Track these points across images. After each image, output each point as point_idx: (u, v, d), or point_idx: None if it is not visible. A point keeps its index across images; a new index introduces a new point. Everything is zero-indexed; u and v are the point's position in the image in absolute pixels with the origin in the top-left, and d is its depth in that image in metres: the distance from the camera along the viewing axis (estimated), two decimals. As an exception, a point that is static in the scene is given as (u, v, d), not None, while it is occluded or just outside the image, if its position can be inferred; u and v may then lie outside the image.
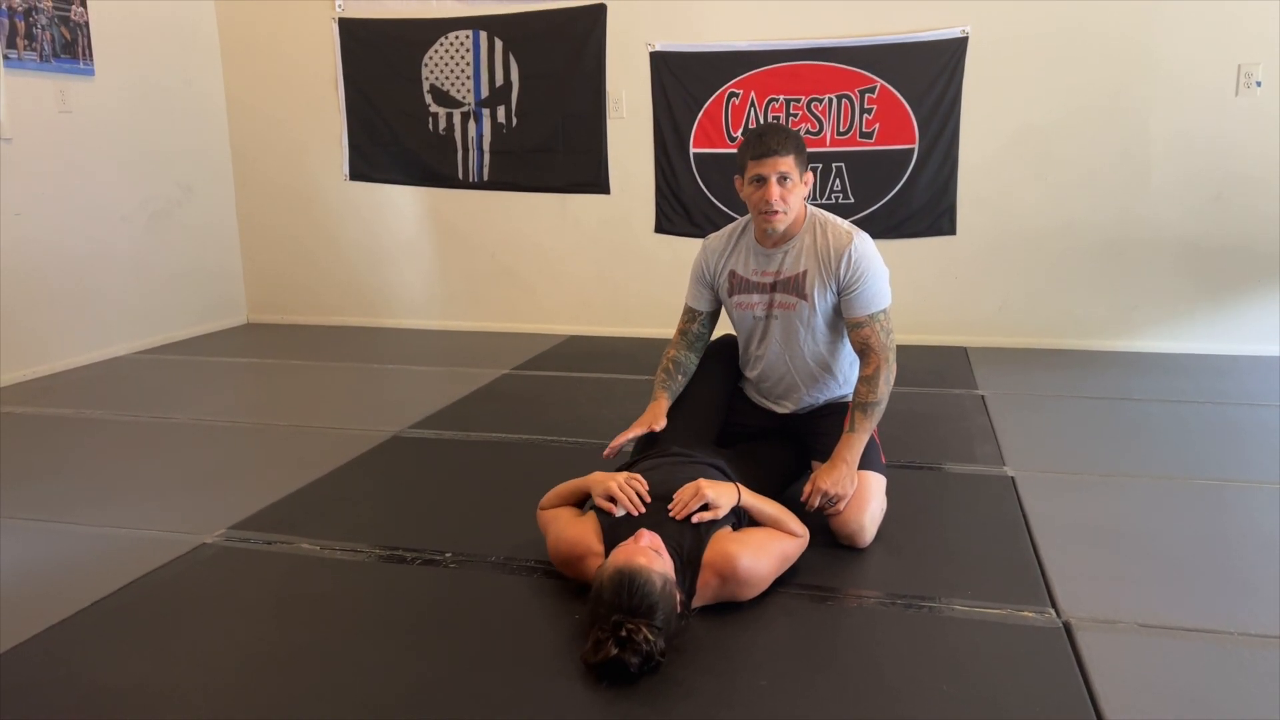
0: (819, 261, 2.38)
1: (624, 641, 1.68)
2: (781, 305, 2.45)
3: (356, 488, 2.83)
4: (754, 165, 2.30)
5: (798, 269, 2.41)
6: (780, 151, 2.27)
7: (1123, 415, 3.47)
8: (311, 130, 5.28)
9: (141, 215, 4.82)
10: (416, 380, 4.17)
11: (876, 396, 2.34)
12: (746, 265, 2.48)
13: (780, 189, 2.29)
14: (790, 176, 2.29)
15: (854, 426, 2.33)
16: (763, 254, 2.45)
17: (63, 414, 3.65)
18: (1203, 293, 4.44)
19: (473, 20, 4.92)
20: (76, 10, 4.36)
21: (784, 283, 2.43)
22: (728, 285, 2.52)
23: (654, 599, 1.73)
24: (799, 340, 2.46)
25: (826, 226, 2.40)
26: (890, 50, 4.49)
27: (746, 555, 1.95)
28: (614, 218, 5.01)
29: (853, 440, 2.31)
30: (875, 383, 2.35)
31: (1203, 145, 4.29)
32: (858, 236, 2.38)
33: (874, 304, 2.38)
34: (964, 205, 4.59)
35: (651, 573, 1.76)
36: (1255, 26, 4.13)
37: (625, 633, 1.68)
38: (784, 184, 2.29)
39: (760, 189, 2.31)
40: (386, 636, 1.93)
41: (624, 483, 2.08)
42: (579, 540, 2.04)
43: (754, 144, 2.30)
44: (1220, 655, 1.81)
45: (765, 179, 2.29)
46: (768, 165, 2.28)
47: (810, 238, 2.40)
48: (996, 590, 2.07)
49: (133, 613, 2.04)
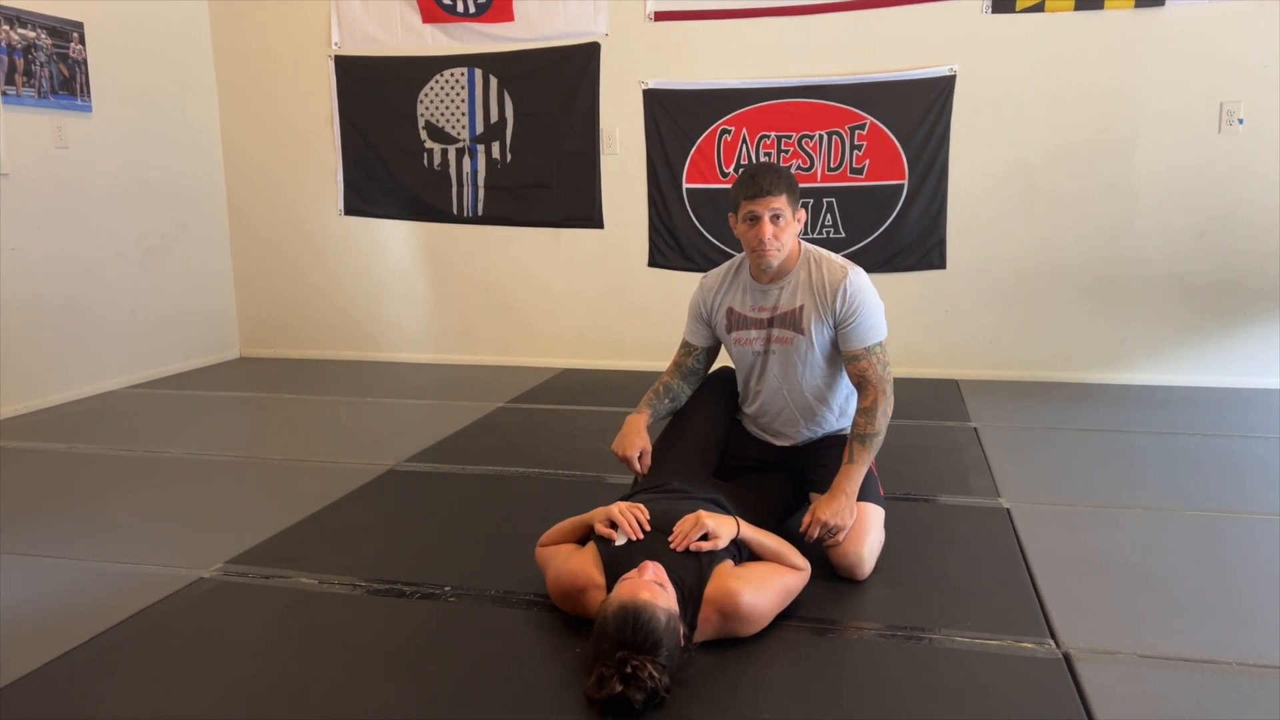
0: (815, 296, 2.41)
1: (629, 678, 1.67)
2: (779, 340, 2.47)
3: (353, 522, 2.82)
4: (747, 204, 2.33)
5: (794, 304, 2.44)
6: (773, 191, 2.31)
7: (1115, 447, 3.50)
8: (306, 166, 5.32)
9: (136, 250, 4.83)
10: (412, 414, 4.17)
11: (875, 428, 2.36)
12: (743, 302, 2.51)
13: (774, 227, 2.33)
14: (783, 214, 2.33)
15: (853, 458, 2.34)
16: (759, 290, 2.48)
17: (57, 448, 3.63)
18: (1191, 326, 4.49)
19: (468, 58, 4.98)
20: (75, 48, 4.41)
21: (781, 318, 2.45)
22: (725, 322, 2.55)
23: (659, 635, 1.72)
24: (797, 374, 2.48)
25: (821, 261, 2.44)
26: (880, 88, 4.57)
27: (748, 592, 1.94)
28: (608, 252, 5.04)
29: (852, 471, 2.33)
30: (873, 414, 2.36)
31: (1187, 181, 4.37)
32: (852, 271, 2.42)
33: (870, 337, 2.41)
34: (954, 239, 4.64)
35: (656, 608, 1.75)
36: (1237, 64, 4.22)
37: (630, 669, 1.67)
38: (777, 222, 2.33)
39: (754, 227, 2.34)
40: (385, 671, 1.92)
41: (625, 509, 2.09)
42: (579, 572, 2.03)
43: (747, 183, 2.34)
44: (1220, 685, 1.81)
45: (759, 217, 2.32)
46: (760, 204, 2.31)
47: (805, 273, 2.44)
48: (996, 621, 2.08)
49: (130, 648, 2.03)
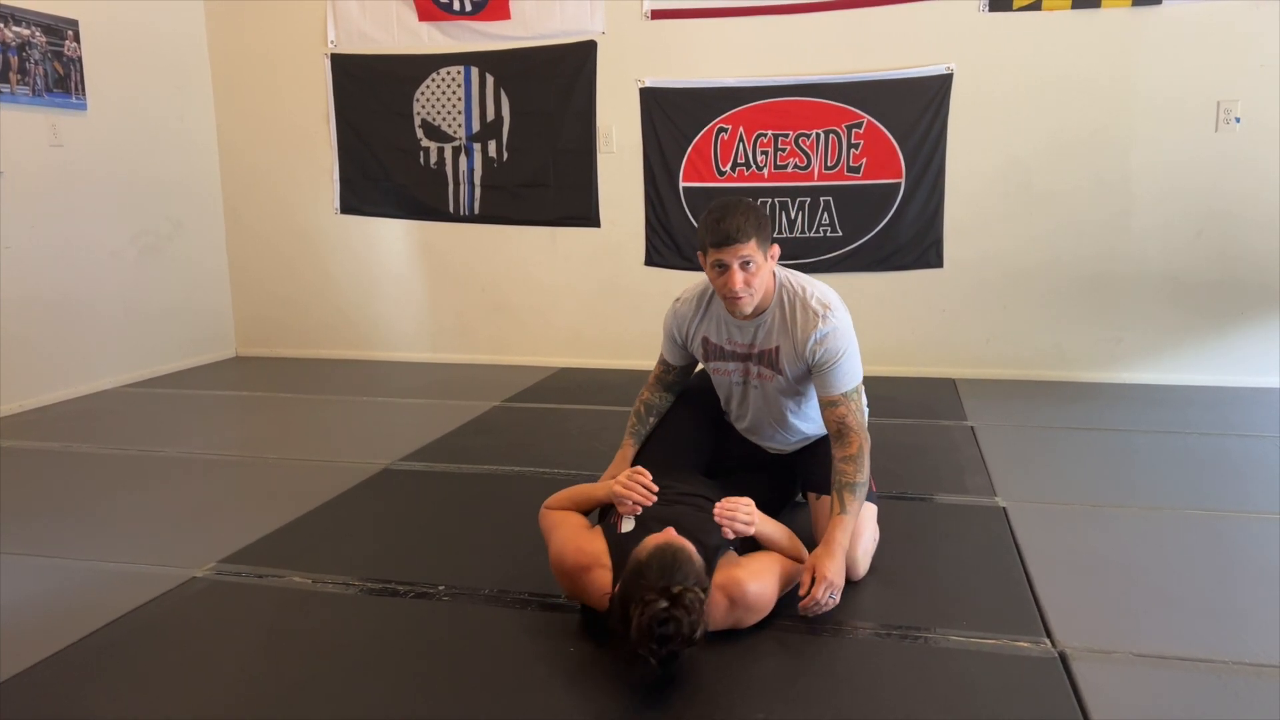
0: (790, 339, 2.31)
1: (677, 599, 1.66)
2: (759, 376, 2.40)
3: (348, 521, 2.81)
4: (714, 252, 2.18)
5: (770, 344, 2.34)
6: (740, 238, 2.14)
7: (1112, 446, 3.50)
8: (302, 164, 5.31)
9: (132, 249, 4.82)
10: (407, 413, 4.16)
11: (862, 476, 2.23)
12: (719, 333, 2.41)
13: (744, 274, 2.19)
14: (753, 260, 2.18)
15: (844, 508, 2.19)
16: (734, 325, 2.38)
17: (51, 447, 3.62)
18: (1188, 325, 4.49)
19: (464, 56, 4.97)
20: (69, 45, 4.39)
21: (759, 355, 2.37)
22: (702, 351, 2.46)
23: (697, 574, 1.74)
24: (780, 405, 2.43)
25: (797, 301, 2.30)
26: (877, 87, 4.56)
27: (754, 581, 1.97)
28: (604, 251, 5.04)
29: (844, 522, 2.18)
30: (860, 462, 2.23)
31: (1184, 181, 4.36)
32: (824, 320, 2.26)
33: (846, 383, 2.29)
34: (951, 238, 4.64)
35: (691, 552, 1.77)
36: (1234, 63, 4.22)
37: (677, 591, 1.67)
38: (747, 268, 2.18)
39: (723, 275, 2.20)
40: (379, 670, 1.91)
41: (626, 481, 2.07)
42: (588, 550, 2.02)
43: (712, 229, 2.17)
44: (1216, 684, 1.81)
45: (727, 266, 2.18)
46: (728, 253, 2.16)
47: (780, 313, 2.32)
48: (991, 621, 2.07)
49: (122, 648, 2.02)
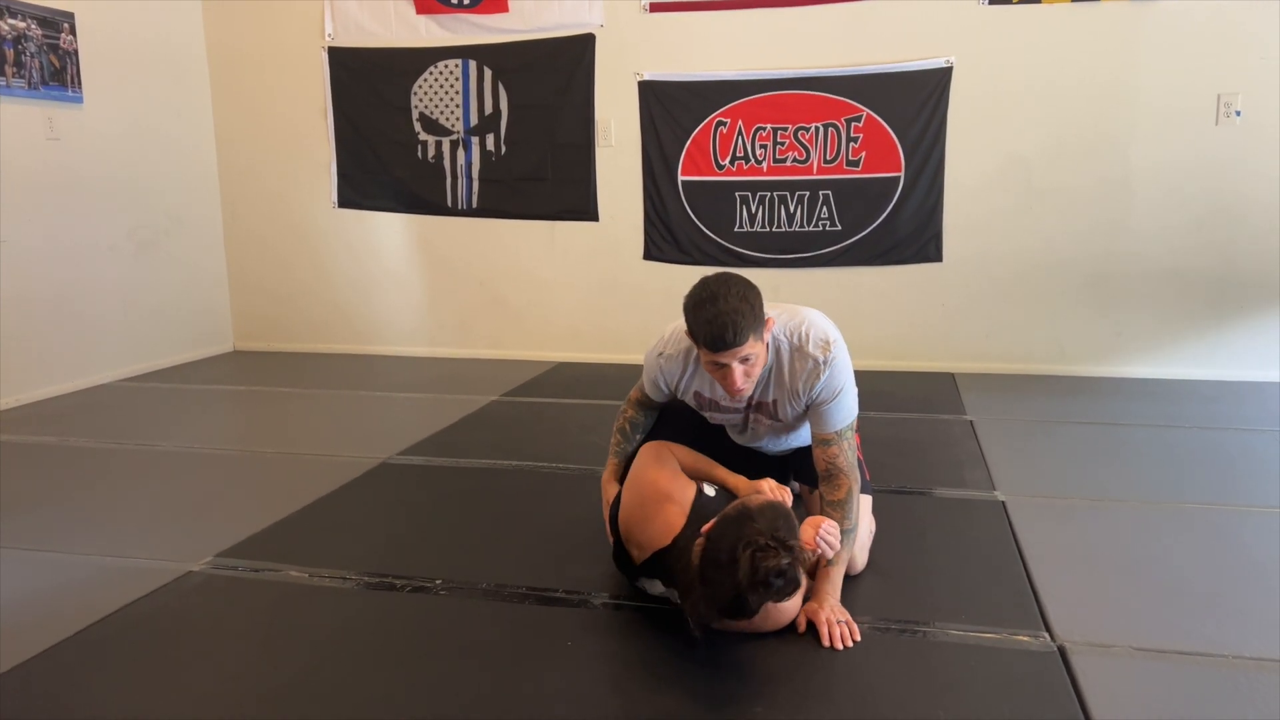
0: (786, 391, 2.16)
1: (792, 549, 1.68)
2: (756, 421, 2.29)
3: (345, 515, 2.80)
4: (710, 354, 1.98)
5: (767, 398, 2.20)
6: (738, 342, 1.93)
7: (1111, 440, 3.49)
8: (300, 159, 5.29)
9: (129, 243, 4.80)
10: (405, 407, 4.16)
11: (851, 523, 2.12)
12: (713, 390, 2.22)
13: (743, 367, 1.99)
14: (752, 355, 1.99)
15: (832, 560, 2.08)
16: None
17: (48, 442, 3.61)
18: (1188, 319, 4.48)
19: (462, 49, 4.95)
20: (65, 38, 4.37)
21: (756, 406, 2.24)
22: (695, 402, 2.30)
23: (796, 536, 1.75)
24: (780, 436, 2.36)
25: (794, 354, 2.12)
26: (876, 80, 4.55)
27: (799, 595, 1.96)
28: (603, 245, 5.02)
29: (832, 574, 2.08)
30: (849, 509, 2.12)
31: (1184, 174, 4.35)
32: (825, 366, 2.10)
33: (840, 421, 2.15)
34: (950, 232, 4.63)
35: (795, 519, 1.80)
36: (1234, 57, 4.21)
37: (793, 544, 1.69)
38: (746, 363, 1.99)
39: (720, 371, 2.01)
40: (375, 665, 1.90)
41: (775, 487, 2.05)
42: (678, 486, 2.02)
43: (704, 331, 1.94)
44: (1216, 678, 1.80)
45: (725, 365, 1.99)
46: (726, 356, 1.96)
47: (778, 368, 2.15)
48: (990, 615, 2.06)
49: (117, 642, 2.01)
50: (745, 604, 1.70)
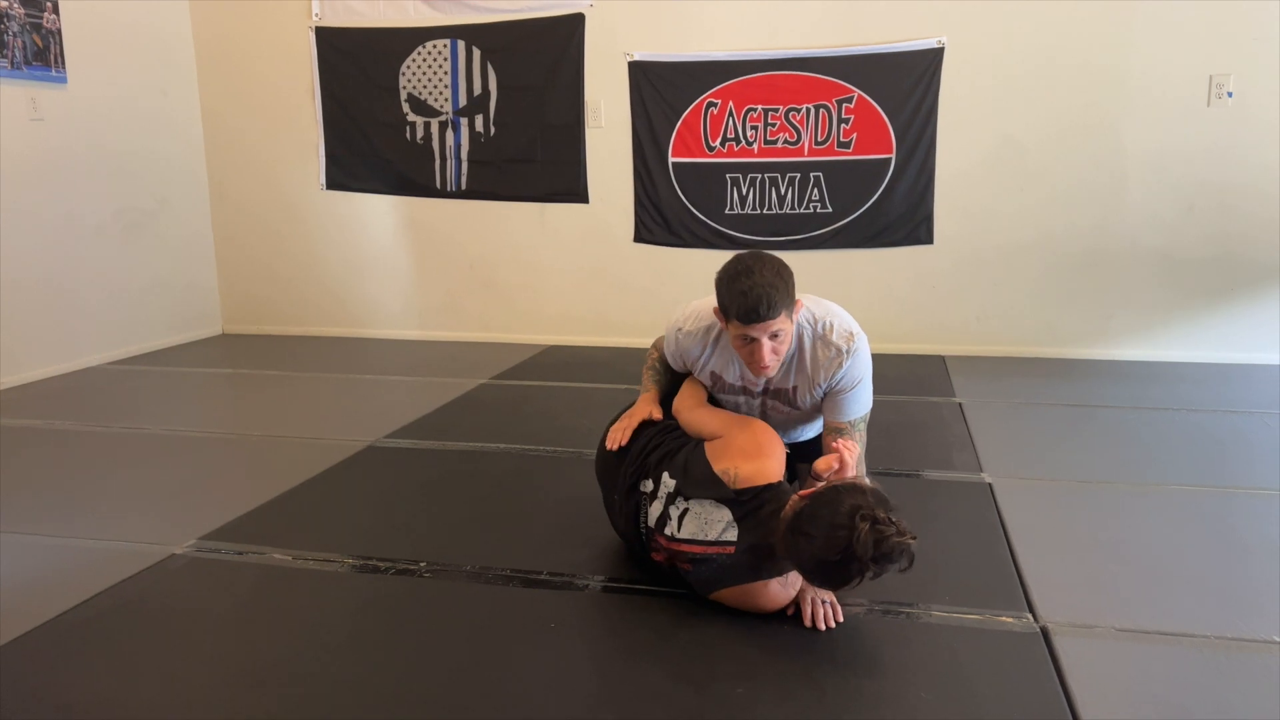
0: (808, 378, 2.18)
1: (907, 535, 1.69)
2: (773, 408, 2.29)
3: (330, 498, 2.79)
4: (741, 326, 2.00)
5: (787, 384, 2.21)
6: (771, 315, 1.95)
7: (1099, 422, 3.49)
8: (288, 140, 5.25)
9: (116, 225, 4.76)
10: (393, 390, 4.14)
11: None
12: (731, 372, 2.24)
13: (772, 344, 2.01)
14: (782, 331, 2.00)
15: None
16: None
17: (32, 425, 3.59)
18: (1178, 302, 4.48)
19: (450, 29, 4.91)
20: (49, 18, 4.32)
21: (774, 392, 2.25)
22: (710, 383, 2.30)
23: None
24: (793, 428, 2.37)
25: (817, 345, 2.15)
26: (867, 60, 4.52)
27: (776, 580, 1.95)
28: (593, 227, 5.00)
29: None
30: None
31: (1176, 156, 4.34)
32: (849, 356, 2.14)
33: (855, 411, 2.20)
34: (941, 215, 4.61)
35: None
36: (1226, 38, 4.18)
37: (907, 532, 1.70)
38: (775, 339, 2.01)
39: (749, 346, 2.03)
40: (359, 647, 1.90)
41: None
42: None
43: (739, 302, 1.96)
44: (1196, 659, 1.80)
45: (755, 339, 2.00)
46: (758, 329, 1.98)
47: (801, 355, 2.16)
48: (975, 596, 2.07)
49: (98, 625, 2.00)
50: (850, 571, 1.70)
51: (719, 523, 1.93)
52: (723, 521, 1.93)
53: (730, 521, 1.92)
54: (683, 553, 1.98)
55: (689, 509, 1.98)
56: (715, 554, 1.93)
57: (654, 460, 2.10)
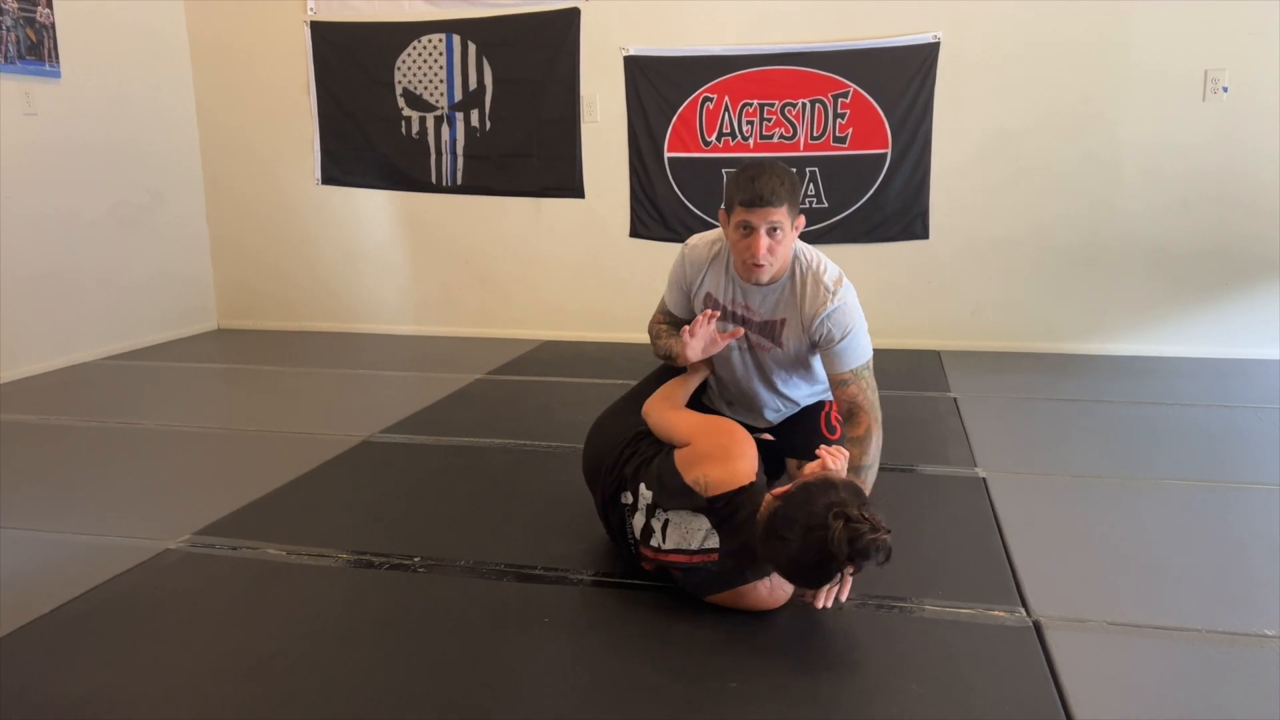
0: (798, 314, 2.23)
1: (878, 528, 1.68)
2: (755, 346, 2.33)
3: (325, 493, 2.79)
4: (743, 211, 2.07)
5: (776, 315, 2.25)
6: (774, 201, 2.04)
7: (1094, 417, 3.49)
8: (283, 134, 5.24)
9: (111, 220, 4.75)
10: (388, 385, 4.14)
11: (869, 459, 2.18)
12: (724, 291, 2.30)
13: (769, 240, 2.08)
14: (781, 227, 2.08)
15: None
16: (741, 287, 2.28)
17: (26, 420, 3.58)
18: (1173, 297, 4.48)
19: (446, 24, 4.90)
20: (42, 12, 4.30)
21: (760, 325, 2.29)
22: (702, 307, 2.33)
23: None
24: (771, 375, 2.37)
25: (807, 278, 2.21)
26: (863, 55, 4.52)
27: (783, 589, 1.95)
28: (589, 222, 4.99)
29: None
30: (868, 445, 2.18)
31: (1171, 151, 4.34)
32: (837, 297, 2.19)
33: (856, 359, 2.23)
34: (937, 210, 4.61)
35: None
36: (1222, 32, 4.18)
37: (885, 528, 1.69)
38: (774, 235, 2.08)
39: (747, 238, 2.09)
40: (353, 643, 1.90)
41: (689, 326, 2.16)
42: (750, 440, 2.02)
43: (745, 186, 2.06)
44: (1189, 653, 1.81)
45: (754, 228, 2.07)
46: (758, 215, 2.06)
47: (792, 285, 2.22)
48: (968, 590, 2.07)
49: (92, 620, 2.00)
50: (828, 571, 1.71)
51: (699, 531, 1.93)
52: (702, 530, 1.92)
53: (709, 529, 1.92)
54: (670, 563, 1.98)
55: (669, 519, 1.98)
56: (701, 563, 1.92)
57: (630, 471, 2.09)
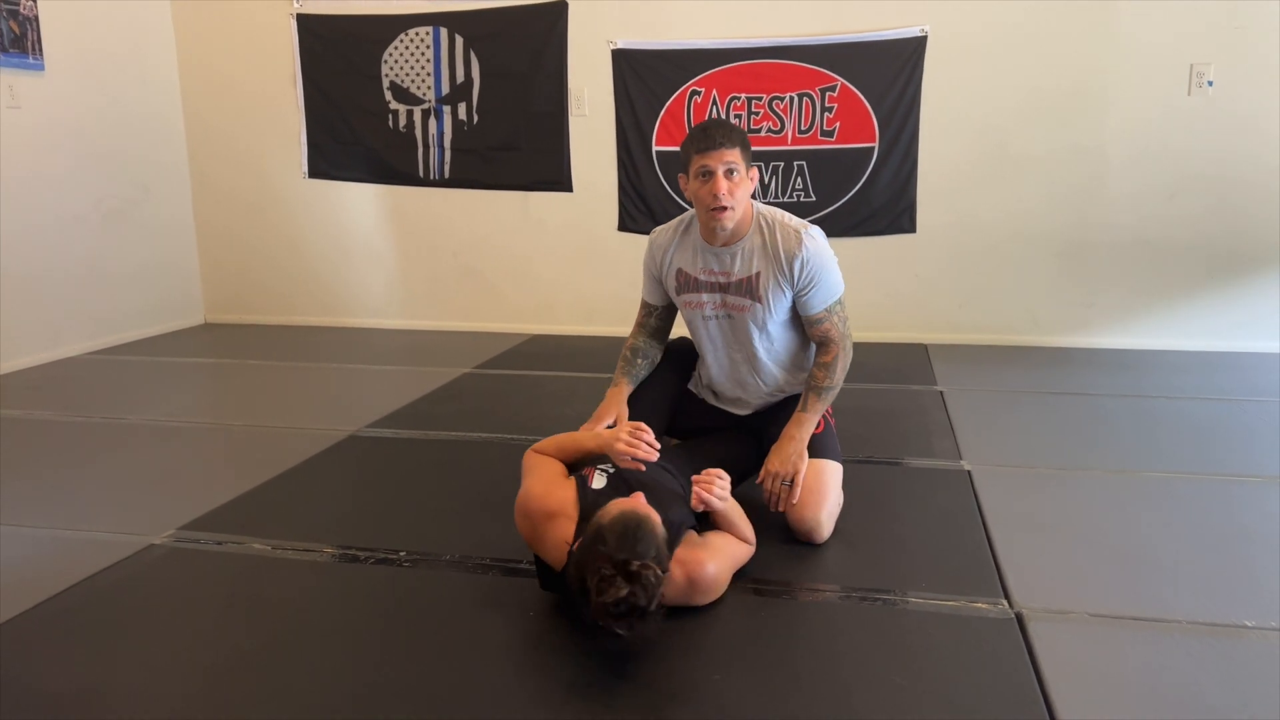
0: (771, 262, 2.32)
1: (634, 576, 1.61)
2: (734, 308, 2.39)
3: (311, 487, 2.79)
4: (699, 158, 2.23)
5: (750, 271, 2.34)
6: (726, 144, 2.21)
7: (1079, 410, 3.51)
8: (269, 128, 5.21)
9: (96, 214, 4.73)
10: (376, 380, 4.13)
11: (832, 381, 2.37)
12: (694, 263, 2.41)
13: (728, 182, 2.22)
14: (737, 169, 2.23)
15: (806, 407, 2.34)
16: (711, 253, 2.38)
17: (11, 415, 3.57)
18: (1159, 290, 4.50)
19: (433, 17, 4.88)
20: (26, 4, 4.27)
21: (736, 285, 2.37)
22: (675, 284, 2.46)
23: (658, 547, 1.69)
24: (752, 341, 2.42)
25: (775, 226, 2.34)
26: (851, 49, 4.52)
27: (713, 563, 1.93)
28: (577, 216, 4.99)
29: (804, 419, 2.33)
30: (833, 369, 2.37)
31: (1157, 145, 4.36)
32: (807, 236, 2.31)
33: (830, 297, 2.36)
34: (924, 203, 4.62)
35: (655, 523, 1.74)
36: (1206, 26, 4.20)
37: (635, 568, 1.61)
38: (731, 177, 2.23)
39: (707, 183, 2.23)
40: (339, 637, 1.90)
41: (631, 435, 2.03)
42: (556, 496, 1.97)
43: (699, 137, 2.24)
44: (1170, 644, 1.82)
45: (712, 172, 2.22)
46: (714, 158, 2.21)
47: (760, 238, 2.34)
48: (951, 582, 2.08)
49: (76, 615, 1.99)
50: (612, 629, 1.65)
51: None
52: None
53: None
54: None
55: None
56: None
57: None
